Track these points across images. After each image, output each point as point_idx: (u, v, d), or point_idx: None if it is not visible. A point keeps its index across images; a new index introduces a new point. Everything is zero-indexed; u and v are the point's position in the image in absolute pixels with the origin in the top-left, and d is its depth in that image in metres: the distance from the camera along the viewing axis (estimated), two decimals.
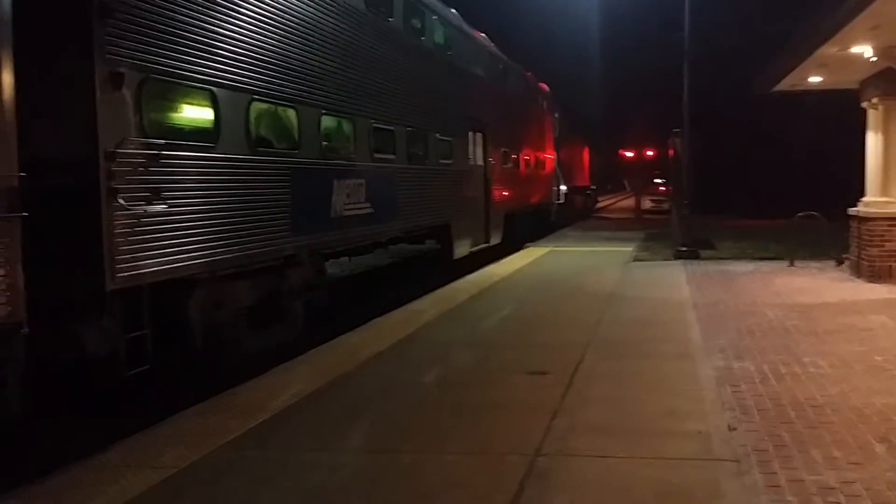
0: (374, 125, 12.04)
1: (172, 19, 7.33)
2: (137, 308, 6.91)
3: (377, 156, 12.13)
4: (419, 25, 14.45)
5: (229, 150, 8.22)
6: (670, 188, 23.95)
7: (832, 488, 4.69)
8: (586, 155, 43.72)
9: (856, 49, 11.10)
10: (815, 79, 14.29)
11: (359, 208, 11.38)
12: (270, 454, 5.56)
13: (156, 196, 6.98)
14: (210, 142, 7.95)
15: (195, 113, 7.91)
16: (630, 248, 20.46)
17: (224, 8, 8.16)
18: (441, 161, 15.43)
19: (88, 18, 6.37)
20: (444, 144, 15.68)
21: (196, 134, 7.85)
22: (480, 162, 18.55)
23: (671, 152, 20.38)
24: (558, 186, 30.00)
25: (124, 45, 6.69)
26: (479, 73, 18.99)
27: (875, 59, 11.34)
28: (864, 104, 13.82)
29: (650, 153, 74.42)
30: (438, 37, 15.69)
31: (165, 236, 7.13)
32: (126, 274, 6.64)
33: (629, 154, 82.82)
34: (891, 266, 12.97)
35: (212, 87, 7.95)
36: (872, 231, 13.17)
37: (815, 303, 11.33)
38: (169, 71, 7.31)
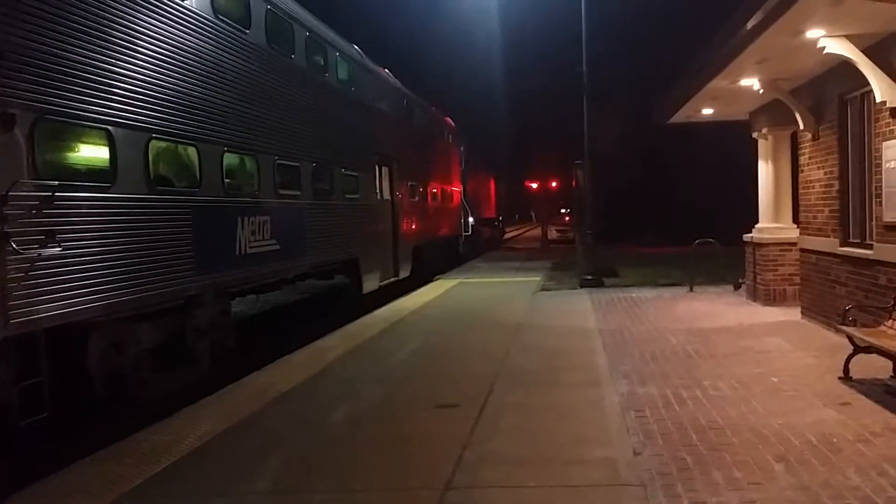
0: (279, 161, 11.97)
1: (66, 59, 7.16)
2: (33, 354, 6.67)
3: (282, 192, 12.05)
4: (322, 62, 14.47)
5: (127, 190, 8.04)
6: (574, 218, 24.45)
7: None
8: (493, 186, 44.30)
9: (745, 81, 11.56)
10: (708, 111, 14.78)
11: (265, 245, 11.27)
12: (175, 501, 5.42)
13: (50, 239, 6.78)
14: (107, 182, 7.77)
15: (91, 153, 7.73)
16: (537, 278, 20.77)
17: (120, 47, 8.02)
18: (348, 196, 15.42)
19: None
20: (351, 179, 15.68)
21: (92, 174, 7.66)
22: (388, 196, 18.62)
23: (574, 183, 20.86)
24: (466, 218, 30.31)
25: (16, 85, 6.51)
26: (384, 108, 19.10)
27: (762, 91, 11.83)
28: (755, 134, 14.38)
29: (555, 184, 75.81)
30: (342, 73, 15.74)
31: (61, 280, 6.91)
32: (20, 319, 6.41)
33: (535, 185, 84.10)
34: (785, 290, 13.48)
35: (108, 126, 7.79)
36: (766, 256, 13.71)
37: (714, 327, 11.70)
38: (63, 111, 7.13)
